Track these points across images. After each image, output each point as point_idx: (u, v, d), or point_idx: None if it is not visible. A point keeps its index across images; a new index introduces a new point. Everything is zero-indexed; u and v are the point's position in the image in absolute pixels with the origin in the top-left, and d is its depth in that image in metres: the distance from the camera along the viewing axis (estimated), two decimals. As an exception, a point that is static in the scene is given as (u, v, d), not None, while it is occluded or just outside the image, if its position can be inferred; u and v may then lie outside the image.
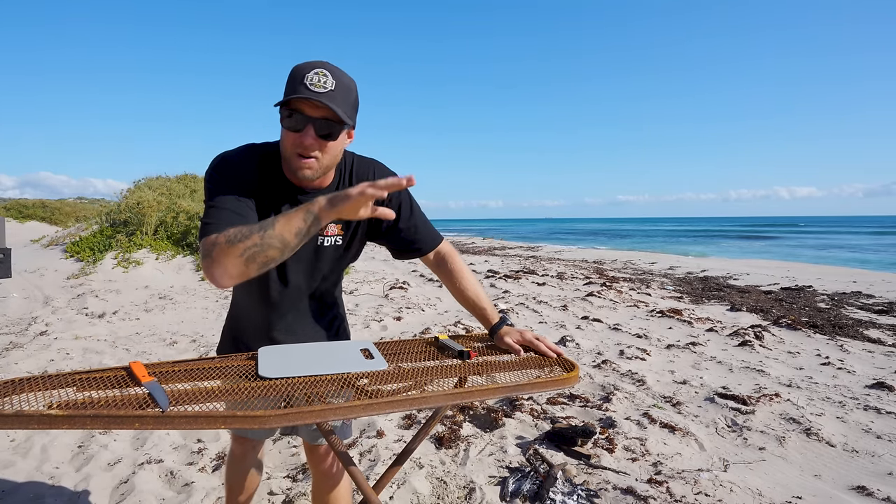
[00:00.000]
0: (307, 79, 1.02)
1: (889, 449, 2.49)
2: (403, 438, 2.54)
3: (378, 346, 1.27)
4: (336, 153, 1.12)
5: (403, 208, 1.30)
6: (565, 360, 1.25)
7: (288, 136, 1.07)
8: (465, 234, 34.71)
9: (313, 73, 1.03)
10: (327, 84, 1.03)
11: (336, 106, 1.03)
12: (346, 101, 1.07)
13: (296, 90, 1.02)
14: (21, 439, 2.47)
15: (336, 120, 1.06)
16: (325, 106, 1.02)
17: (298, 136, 1.05)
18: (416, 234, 1.33)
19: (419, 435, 1.29)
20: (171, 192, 10.04)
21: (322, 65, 1.05)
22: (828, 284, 8.37)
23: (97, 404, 0.85)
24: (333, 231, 1.24)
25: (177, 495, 2.06)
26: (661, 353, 4.19)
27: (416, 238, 1.33)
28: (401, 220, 1.29)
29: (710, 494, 2.06)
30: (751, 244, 27.03)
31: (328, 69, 1.05)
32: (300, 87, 1.02)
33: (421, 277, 8.32)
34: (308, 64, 1.05)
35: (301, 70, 1.04)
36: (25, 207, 19.26)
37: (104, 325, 4.93)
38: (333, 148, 1.10)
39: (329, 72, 1.04)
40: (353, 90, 1.10)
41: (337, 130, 1.07)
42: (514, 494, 2.05)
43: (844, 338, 4.78)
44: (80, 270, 7.33)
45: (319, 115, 1.04)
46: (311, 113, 1.04)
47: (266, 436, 1.52)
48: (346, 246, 1.28)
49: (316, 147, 1.07)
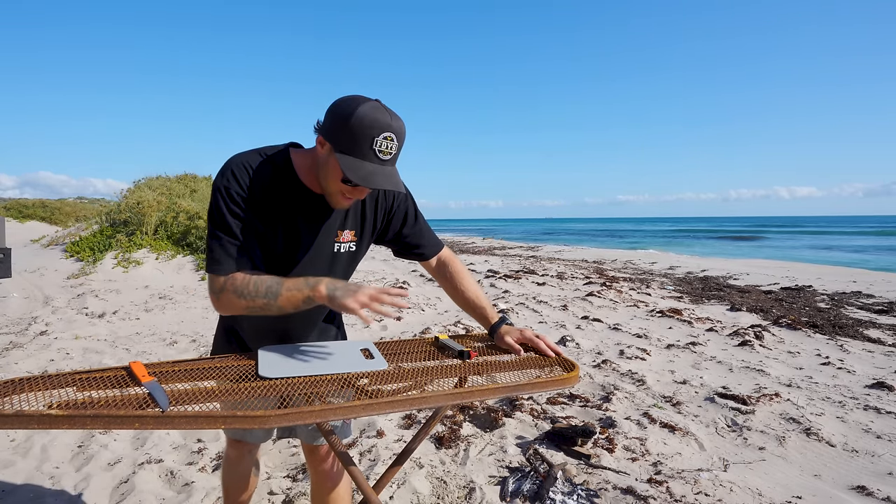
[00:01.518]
0: (377, 144, 1.01)
1: (889, 449, 2.49)
2: (403, 438, 2.54)
3: (378, 346, 1.27)
4: None
5: (409, 216, 1.33)
6: (565, 359, 1.25)
7: (339, 181, 1.07)
8: (465, 234, 34.71)
9: (383, 139, 1.01)
10: (393, 149, 1.04)
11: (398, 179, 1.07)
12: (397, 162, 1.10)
13: (363, 154, 1.01)
14: (21, 439, 2.47)
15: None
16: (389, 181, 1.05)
17: (353, 189, 1.08)
18: (420, 239, 1.37)
19: (419, 435, 1.29)
20: (171, 191, 10.04)
21: (391, 126, 1.02)
22: (828, 284, 8.37)
23: (97, 404, 0.85)
24: (348, 238, 1.25)
25: (177, 495, 2.06)
26: (661, 352, 4.19)
27: (420, 243, 1.37)
28: (405, 227, 1.33)
29: (710, 494, 2.06)
30: (751, 244, 27.04)
31: (395, 131, 1.03)
32: (369, 153, 1.01)
33: (421, 277, 8.32)
34: (377, 122, 1.00)
35: (369, 129, 1.00)
36: (25, 207, 19.26)
37: (104, 325, 4.93)
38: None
39: (395, 135, 1.03)
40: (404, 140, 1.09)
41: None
42: (514, 494, 2.05)
43: (844, 338, 4.78)
44: (80, 270, 7.33)
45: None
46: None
47: (262, 439, 1.51)
48: (358, 250, 1.29)
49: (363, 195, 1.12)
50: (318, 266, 1.23)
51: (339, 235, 1.23)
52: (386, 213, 1.30)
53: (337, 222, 1.21)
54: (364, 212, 1.26)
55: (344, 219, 1.23)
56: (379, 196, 1.27)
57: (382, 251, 10.88)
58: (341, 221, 1.22)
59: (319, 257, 1.21)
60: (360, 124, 1.00)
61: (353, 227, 1.25)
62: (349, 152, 1.02)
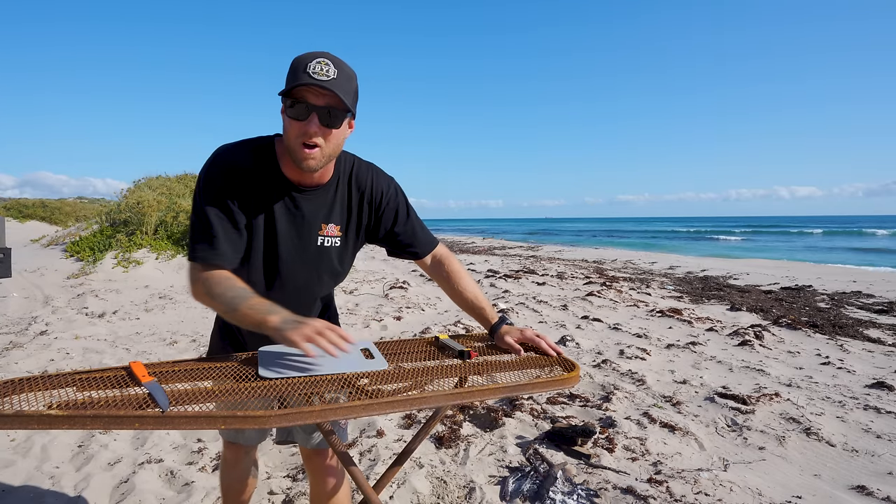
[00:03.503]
0: (310, 68, 1.02)
1: (889, 448, 2.49)
2: (403, 438, 2.54)
3: (378, 345, 1.27)
4: (339, 143, 1.12)
5: (400, 213, 1.32)
6: (565, 359, 1.25)
7: (292, 125, 1.07)
8: (464, 234, 34.71)
9: (315, 63, 1.03)
10: (330, 72, 1.03)
11: (340, 93, 1.04)
12: (348, 90, 1.07)
13: (299, 78, 1.02)
14: (21, 439, 2.47)
15: (340, 107, 1.06)
16: (329, 93, 1.03)
17: (302, 124, 1.05)
18: (412, 237, 1.35)
19: (419, 435, 1.29)
20: (171, 191, 10.05)
21: (323, 54, 1.05)
22: (828, 284, 8.37)
23: (97, 404, 0.85)
24: (333, 231, 1.24)
25: (177, 495, 2.06)
26: (661, 352, 4.19)
27: (412, 241, 1.35)
28: (397, 225, 1.31)
29: (710, 494, 2.06)
30: (750, 244, 27.04)
31: (329, 58, 1.05)
32: (303, 76, 1.02)
33: (421, 277, 8.32)
34: (309, 54, 1.05)
35: (303, 59, 1.04)
36: (25, 207, 19.28)
37: (104, 325, 4.93)
38: (336, 137, 1.10)
39: (331, 61, 1.05)
40: (354, 79, 1.10)
41: (340, 118, 1.08)
42: (514, 494, 2.05)
43: (844, 337, 4.78)
44: (80, 270, 7.33)
45: (323, 103, 1.04)
46: (314, 101, 1.04)
47: (257, 440, 1.50)
48: (344, 246, 1.28)
49: (320, 135, 1.06)
50: (304, 259, 1.22)
51: (322, 228, 1.22)
52: (374, 209, 1.29)
53: (321, 215, 1.21)
54: (349, 206, 1.25)
55: (329, 212, 1.22)
56: (365, 191, 1.26)
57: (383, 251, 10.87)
58: (325, 214, 1.21)
59: (304, 250, 1.20)
60: (296, 60, 1.06)
61: (338, 221, 1.24)
62: (288, 84, 1.05)
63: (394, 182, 1.33)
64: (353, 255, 1.33)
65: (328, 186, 1.21)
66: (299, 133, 1.06)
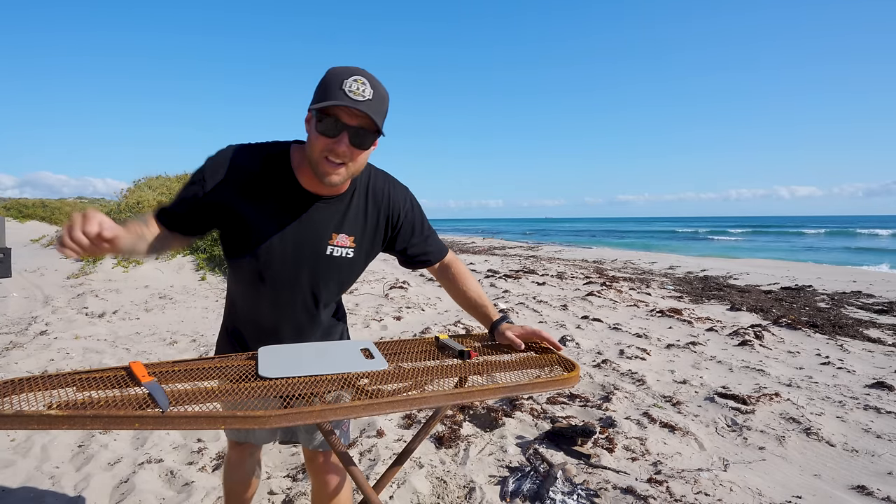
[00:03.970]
0: (346, 85, 1.00)
1: (889, 448, 2.49)
2: (403, 438, 2.54)
3: (378, 345, 1.27)
4: (363, 162, 1.11)
5: (416, 228, 1.32)
6: (565, 359, 1.25)
7: (319, 139, 1.04)
8: (465, 234, 34.70)
9: (352, 80, 1.01)
10: (366, 93, 1.01)
11: (374, 115, 1.02)
12: (380, 111, 1.05)
13: (334, 96, 1.00)
14: (21, 439, 2.47)
15: (371, 130, 1.05)
16: (363, 115, 1.01)
17: (331, 141, 1.03)
18: (426, 246, 1.36)
19: (419, 435, 1.29)
20: (170, 191, 10.05)
21: (360, 72, 1.03)
22: (828, 284, 8.37)
23: (97, 404, 0.85)
24: (345, 242, 1.21)
25: (177, 495, 2.06)
26: (661, 352, 4.19)
27: (426, 250, 1.36)
28: (412, 239, 1.32)
29: (710, 494, 2.06)
30: (750, 243, 27.05)
31: (367, 77, 1.03)
32: (339, 93, 1.00)
33: (421, 277, 8.32)
34: (346, 70, 1.02)
35: (339, 75, 1.01)
36: (25, 207, 19.27)
37: (104, 325, 4.93)
38: (363, 157, 1.09)
39: (367, 80, 1.02)
40: (387, 100, 1.08)
41: (370, 140, 1.07)
42: (514, 494, 2.05)
43: (844, 337, 4.78)
44: (80, 270, 7.33)
45: (356, 123, 1.03)
46: (347, 121, 1.02)
47: (264, 440, 1.50)
48: (357, 257, 1.26)
49: (347, 155, 1.05)
50: (305, 264, 1.20)
51: (333, 238, 1.20)
52: (391, 226, 1.28)
53: (332, 224, 1.19)
54: (366, 219, 1.23)
55: (340, 222, 1.20)
56: (382, 206, 1.25)
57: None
58: (337, 224, 1.20)
59: (307, 256, 1.19)
60: (331, 74, 1.03)
61: (351, 232, 1.22)
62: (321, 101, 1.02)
63: (409, 194, 1.33)
64: (365, 266, 1.32)
65: (343, 196, 1.19)
66: (326, 149, 1.04)
